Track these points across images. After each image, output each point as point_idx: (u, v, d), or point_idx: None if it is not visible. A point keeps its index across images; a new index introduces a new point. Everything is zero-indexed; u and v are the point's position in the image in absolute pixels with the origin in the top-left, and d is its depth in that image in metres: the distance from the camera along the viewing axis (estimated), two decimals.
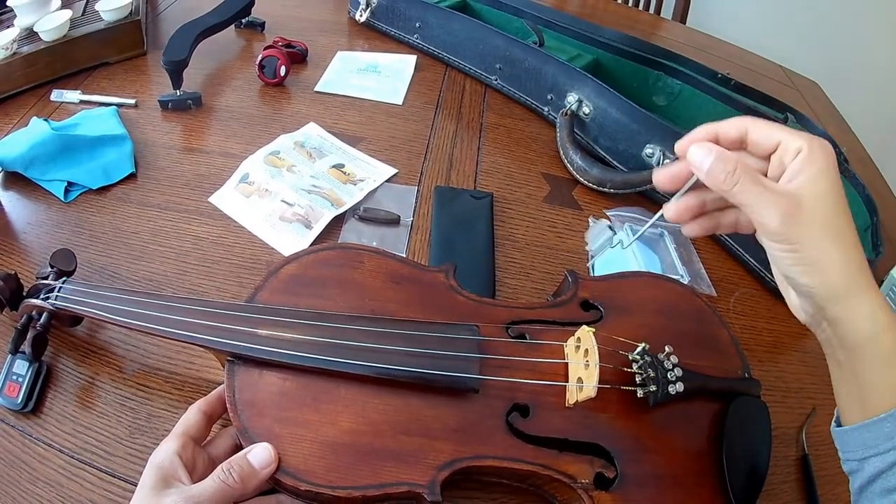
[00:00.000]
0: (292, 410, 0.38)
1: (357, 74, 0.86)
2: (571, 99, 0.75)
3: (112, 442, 0.44)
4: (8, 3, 0.76)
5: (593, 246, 0.62)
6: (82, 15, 0.81)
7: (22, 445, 0.43)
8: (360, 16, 0.95)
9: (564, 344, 0.44)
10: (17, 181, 0.63)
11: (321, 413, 0.38)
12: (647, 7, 1.40)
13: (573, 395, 0.41)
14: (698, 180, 0.34)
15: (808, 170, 0.31)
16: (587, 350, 0.41)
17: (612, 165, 0.73)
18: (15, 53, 0.72)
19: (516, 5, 0.92)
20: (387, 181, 0.69)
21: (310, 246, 0.59)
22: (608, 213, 0.68)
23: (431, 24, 0.90)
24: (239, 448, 0.37)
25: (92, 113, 0.72)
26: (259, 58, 0.79)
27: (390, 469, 0.37)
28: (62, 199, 0.62)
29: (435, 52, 0.91)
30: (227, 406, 0.38)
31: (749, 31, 1.43)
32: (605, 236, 0.64)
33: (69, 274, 0.48)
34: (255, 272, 0.57)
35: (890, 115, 1.60)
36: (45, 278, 0.47)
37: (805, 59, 1.23)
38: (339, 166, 0.70)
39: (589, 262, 0.62)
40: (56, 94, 0.75)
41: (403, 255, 0.59)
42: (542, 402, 0.42)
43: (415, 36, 0.93)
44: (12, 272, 0.47)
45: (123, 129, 0.70)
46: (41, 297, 0.46)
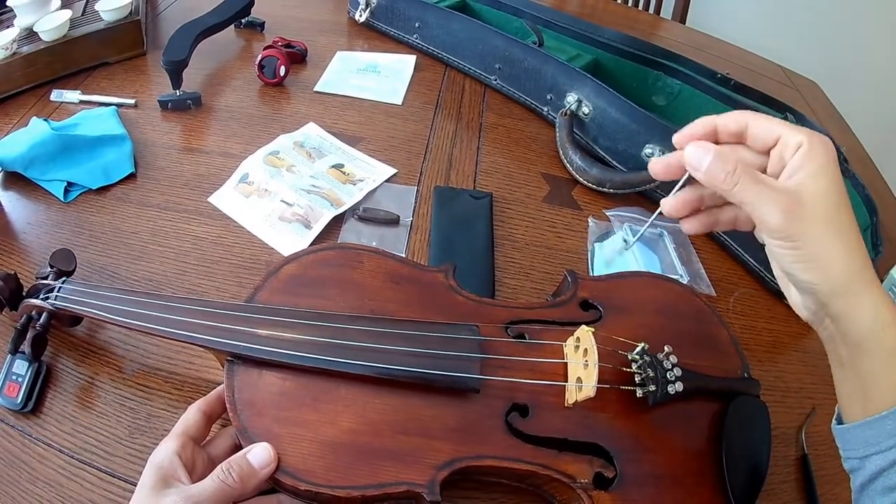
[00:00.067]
0: (292, 410, 0.38)
1: (356, 74, 0.86)
2: (571, 99, 0.75)
3: (112, 442, 0.44)
4: (8, 3, 0.76)
5: (609, 257, 0.62)
6: (82, 15, 0.81)
7: (21, 445, 0.43)
8: (360, 16, 0.95)
9: (564, 344, 0.44)
10: (17, 181, 0.63)
11: (320, 413, 0.38)
12: (646, 7, 1.40)
13: (572, 395, 0.41)
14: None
15: (808, 165, 0.31)
16: (586, 350, 0.41)
17: (612, 165, 0.73)
18: (15, 53, 0.72)
19: (516, 5, 0.92)
20: (386, 181, 0.69)
21: (309, 246, 0.59)
22: (608, 213, 0.68)
23: (431, 24, 0.90)
24: (238, 448, 0.37)
25: (92, 113, 0.72)
26: (259, 58, 0.79)
27: (389, 469, 0.37)
28: (62, 199, 0.62)
29: (434, 52, 0.91)
30: (227, 406, 0.38)
31: (748, 30, 1.43)
32: (619, 246, 0.63)
33: (69, 274, 0.48)
34: (254, 272, 0.57)
35: (890, 115, 1.60)
36: (45, 278, 0.47)
37: (805, 59, 1.23)
38: (338, 166, 0.70)
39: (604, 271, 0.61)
40: (56, 94, 0.75)
41: (403, 255, 0.59)
42: (542, 402, 0.42)
43: (414, 36, 0.93)
44: (12, 272, 0.47)
45: (123, 129, 0.70)
46: (41, 297, 0.46)
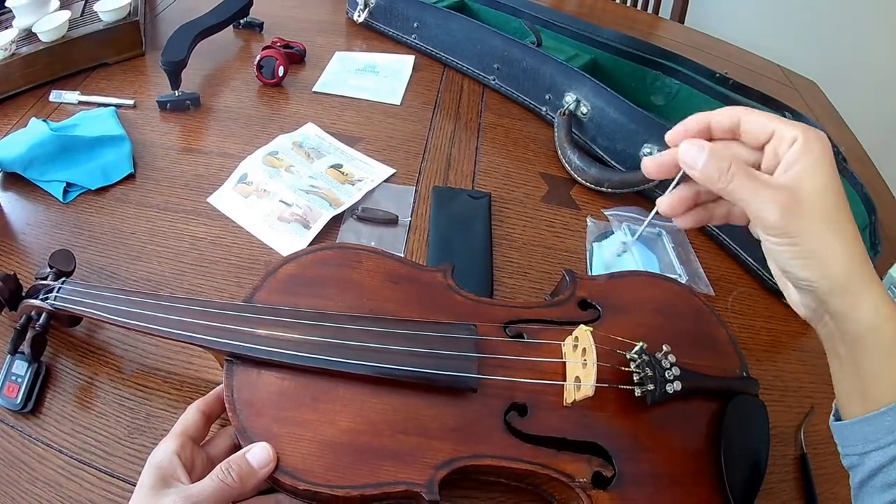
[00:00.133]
0: (291, 410, 0.38)
1: (355, 75, 0.86)
2: (569, 99, 0.75)
3: (111, 442, 0.44)
4: (7, 4, 0.76)
5: (607, 256, 0.62)
6: (81, 16, 0.81)
7: (21, 445, 0.43)
8: (358, 16, 0.95)
9: (562, 343, 0.44)
10: (16, 182, 0.63)
11: (320, 413, 0.38)
12: (644, 7, 1.40)
13: (571, 395, 0.41)
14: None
15: (803, 160, 0.31)
16: (585, 349, 0.41)
17: (610, 165, 0.73)
18: (14, 54, 0.72)
19: (514, 5, 0.92)
20: (385, 181, 0.69)
21: (308, 246, 0.59)
22: (606, 213, 0.69)
23: (429, 25, 0.90)
24: (237, 448, 0.37)
25: (90, 113, 0.72)
26: (257, 58, 0.80)
27: (388, 468, 0.37)
28: (61, 199, 0.62)
29: (433, 53, 0.91)
30: (226, 406, 0.38)
31: (747, 30, 1.43)
32: (620, 248, 0.63)
33: (68, 274, 0.49)
34: (253, 272, 0.57)
35: (888, 114, 1.60)
36: (44, 279, 0.47)
37: (803, 59, 1.23)
38: (337, 166, 0.70)
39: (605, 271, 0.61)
40: (55, 95, 0.75)
41: (401, 255, 0.59)
42: (540, 402, 0.42)
43: (413, 36, 0.93)
44: (11, 272, 0.47)
45: (122, 129, 0.70)
46: (40, 297, 0.46)
